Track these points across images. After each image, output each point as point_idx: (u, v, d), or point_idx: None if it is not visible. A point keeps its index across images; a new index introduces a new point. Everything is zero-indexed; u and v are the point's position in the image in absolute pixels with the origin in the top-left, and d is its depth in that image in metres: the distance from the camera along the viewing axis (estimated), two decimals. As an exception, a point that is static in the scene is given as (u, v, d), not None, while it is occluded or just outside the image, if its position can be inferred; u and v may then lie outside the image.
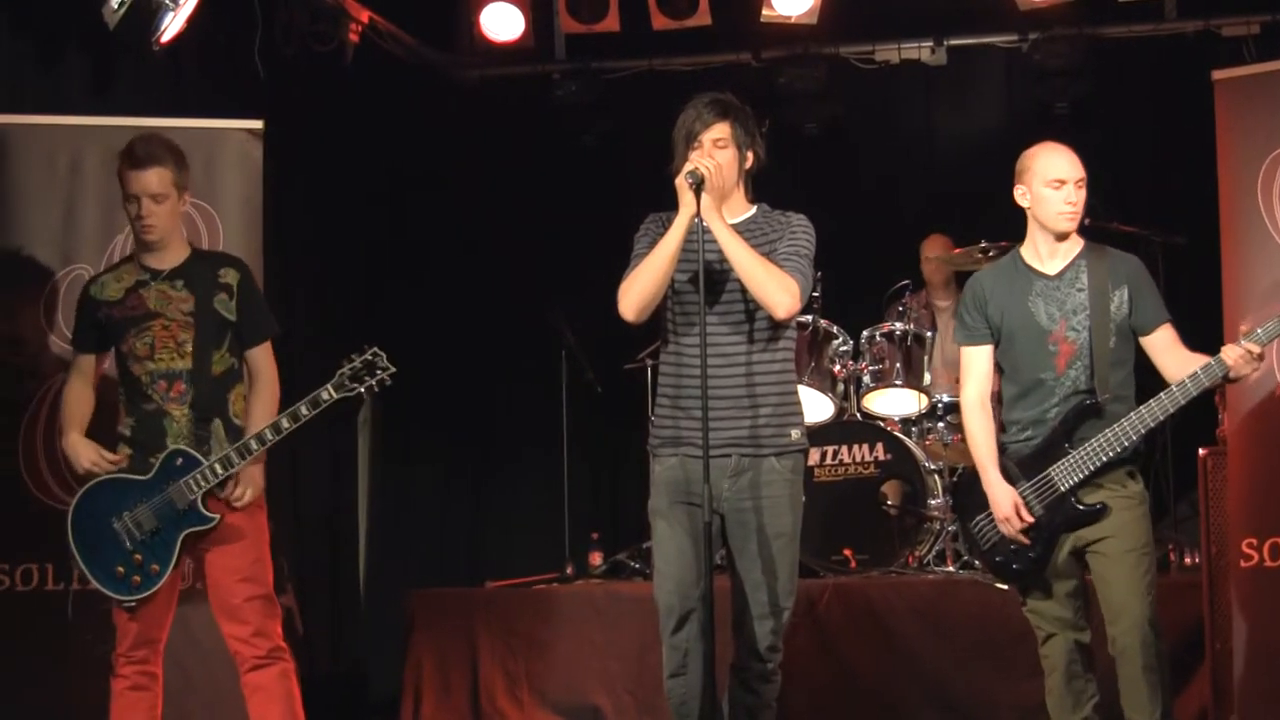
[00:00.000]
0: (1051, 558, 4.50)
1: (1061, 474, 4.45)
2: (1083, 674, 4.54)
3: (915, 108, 8.31)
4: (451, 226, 8.21)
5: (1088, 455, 4.42)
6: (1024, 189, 4.58)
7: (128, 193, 4.68)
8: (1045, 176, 4.51)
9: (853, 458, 6.70)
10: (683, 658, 4.35)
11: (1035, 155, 4.58)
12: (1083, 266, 4.54)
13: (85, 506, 4.70)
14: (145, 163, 4.65)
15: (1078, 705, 4.54)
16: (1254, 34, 7.17)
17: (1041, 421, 4.51)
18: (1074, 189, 4.50)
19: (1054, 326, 4.51)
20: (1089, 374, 4.46)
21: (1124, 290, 4.50)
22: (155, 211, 4.67)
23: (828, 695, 6.01)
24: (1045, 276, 4.56)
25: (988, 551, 4.63)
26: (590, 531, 7.54)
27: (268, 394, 4.78)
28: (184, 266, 4.76)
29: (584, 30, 7.73)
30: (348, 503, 7.71)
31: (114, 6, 5.40)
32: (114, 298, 4.73)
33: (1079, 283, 4.52)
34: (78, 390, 4.81)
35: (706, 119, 4.38)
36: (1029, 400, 4.55)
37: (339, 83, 7.17)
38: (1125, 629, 4.40)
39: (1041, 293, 4.55)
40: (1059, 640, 4.54)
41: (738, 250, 4.28)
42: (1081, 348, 4.48)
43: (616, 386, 7.54)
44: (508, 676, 6.39)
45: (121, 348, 4.71)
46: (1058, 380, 4.49)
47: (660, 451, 4.45)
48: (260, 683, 4.69)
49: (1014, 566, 4.55)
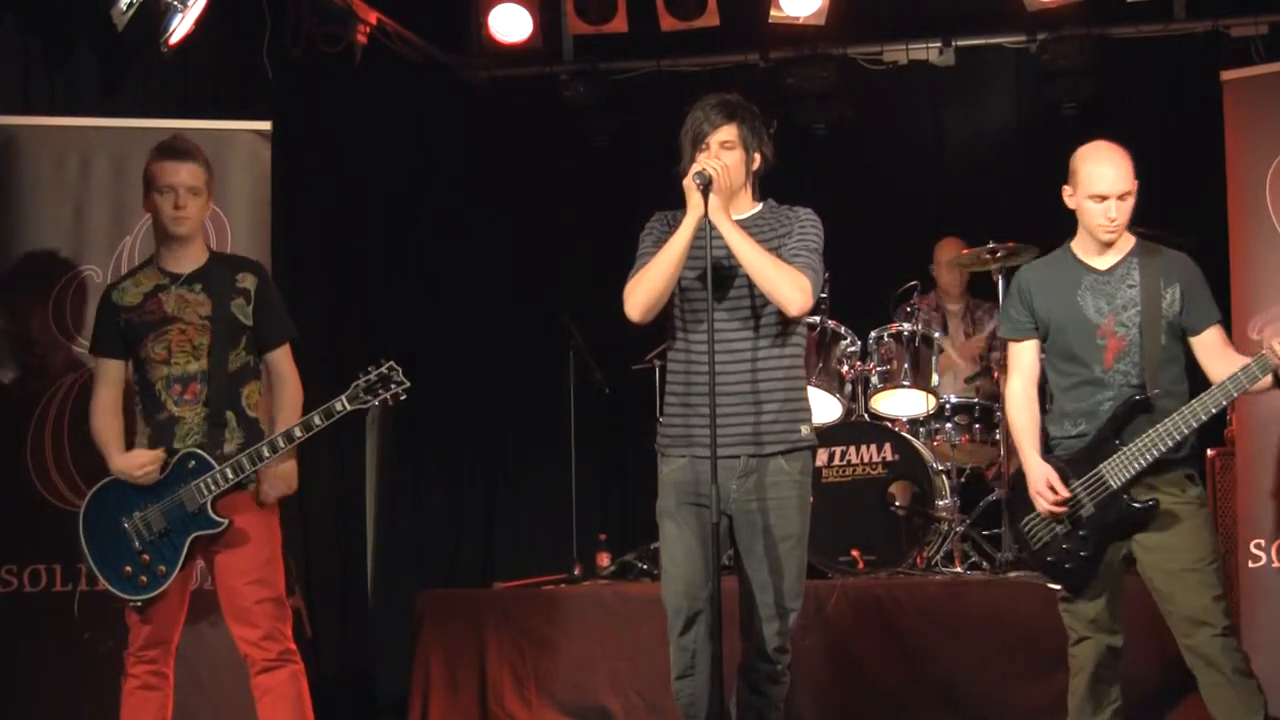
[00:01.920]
0: (1102, 559, 4.45)
1: (1112, 471, 4.39)
2: (1109, 678, 4.51)
3: (923, 108, 8.30)
4: (460, 227, 8.22)
5: (1138, 451, 4.36)
6: (1070, 191, 4.54)
7: (162, 184, 4.69)
8: (1088, 190, 4.47)
9: (861, 458, 6.70)
10: (690, 659, 4.35)
11: (1084, 160, 4.51)
12: (1134, 263, 4.50)
13: (97, 505, 4.73)
14: (184, 155, 4.72)
15: (1099, 709, 4.52)
16: (1262, 34, 7.15)
17: (1094, 414, 4.46)
18: (1115, 204, 4.45)
19: (1101, 320, 4.47)
20: (1138, 369, 4.42)
21: (1176, 289, 4.46)
22: (191, 204, 4.71)
23: (835, 696, 6.01)
24: (1096, 271, 4.53)
25: (1038, 551, 4.57)
26: (598, 532, 7.54)
27: (292, 396, 4.80)
28: (202, 270, 4.78)
29: (592, 31, 7.74)
30: (356, 503, 7.71)
31: (122, 8, 5.41)
32: (133, 303, 4.75)
33: (1130, 279, 4.49)
34: (107, 403, 4.77)
35: (714, 120, 4.38)
36: (1079, 393, 4.50)
37: (347, 84, 7.18)
38: (1207, 639, 4.35)
39: (1090, 287, 4.51)
40: (1091, 644, 4.50)
41: (747, 250, 4.28)
42: (1131, 343, 4.44)
43: (624, 387, 7.54)
44: (516, 677, 6.39)
45: (140, 353, 4.72)
46: (1106, 374, 4.45)
47: (669, 451, 4.45)
48: (270, 685, 4.70)
49: (1065, 566, 4.50)
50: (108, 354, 4.79)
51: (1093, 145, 4.56)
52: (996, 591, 6.10)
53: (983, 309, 7.41)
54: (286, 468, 4.74)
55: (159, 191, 4.71)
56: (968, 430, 6.91)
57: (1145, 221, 6.57)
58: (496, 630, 6.46)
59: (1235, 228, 5.67)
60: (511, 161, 8.14)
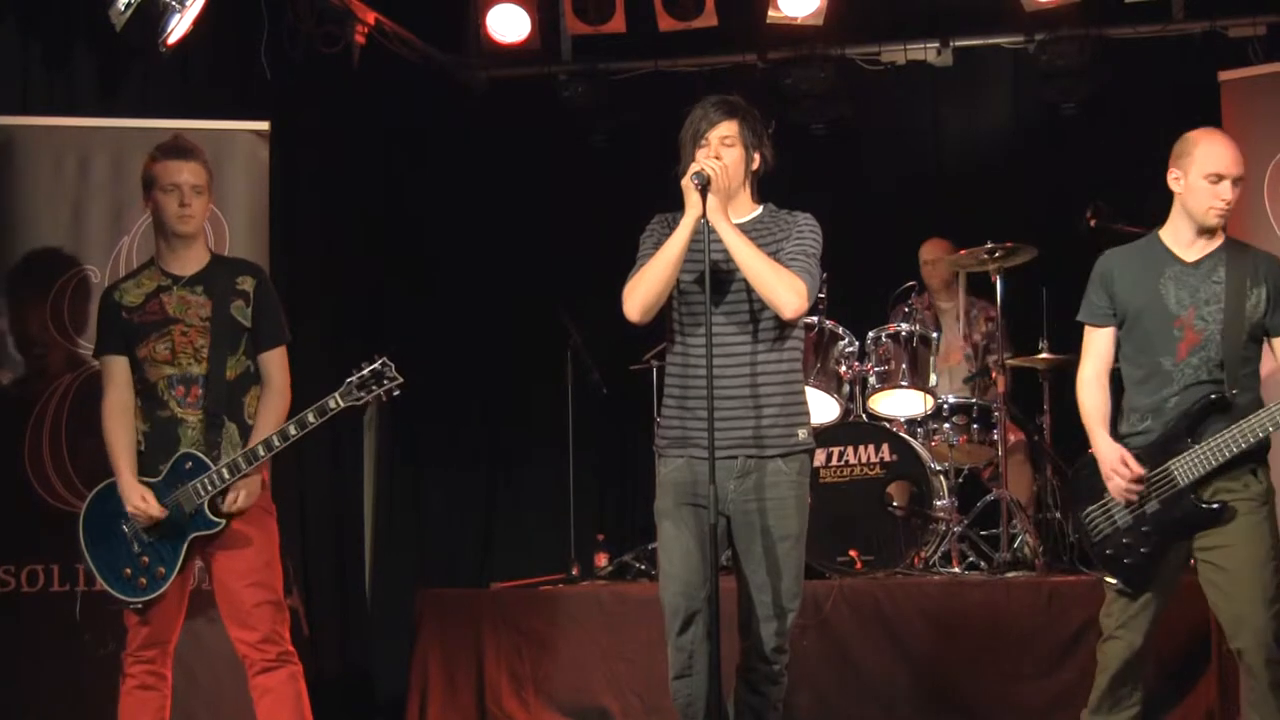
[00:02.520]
0: (1163, 558, 4.38)
1: (1182, 469, 4.32)
2: (1130, 681, 4.46)
3: (922, 109, 8.30)
4: (459, 227, 8.22)
5: (1212, 451, 4.29)
6: (1179, 174, 4.44)
7: (166, 183, 4.68)
8: (1204, 169, 4.38)
9: (859, 459, 6.70)
10: (688, 659, 4.34)
11: (1198, 142, 4.43)
12: (1222, 259, 4.42)
13: (96, 507, 4.73)
14: (188, 155, 4.72)
15: (1114, 710, 4.47)
16: (1260, 35, 7.14)
17: (1159, 411, 4.40)
18: (1230, 186, 4.38)
19: (1182, 312, 4.39)
20: (1211, 366, 4.35)
21: (1263, 289, 4.38)
22: (195, 202, 4.71)
23: (834, 696, 6.01)
24: (1182, 262, 4.45)
25: (1099, 543, 4.49)
26: (596, 533, 7.54)
27: (277, 400, 4.79)
28: (204, 272, 4.78)
29: (590, 31, 7.73)
30: (354, 503, 7.71)
31: (121, 8, 5.41)
32: (135, 303, 4.74)
33: (1216, 275, 4.40)
34: (118, 405, 4.71)
35: (714, 119, 4.37)
36: (1148, 387, 4.42)
37: (346, 84, 7.17)
38: (1249, 646, 4.29)
39: (1175, 277, 4.43)
40: (1120, 644, 4.44)
41: (744, 251, 4.27)
42: (1208, 339, 4.36)
43: (622, 387, 7.55)
44: (514, 677, 6.39)
45: (140, 353, 4.71)
46: (1177, 367, 4.38)
47: (667, 452, 4.44)
48: (269, 685, 4.70)
49: (1125, 560, 4.41)
50: (114, 350, 4.75)
51: (1206, 129, 4.49)
52: (994, 592, 6.10)
53: (977, 308, 7.42)
54: (252, 476, 4.67)
55: (163, 190, 4.69)
56: (966, 431, 6.91)
57: (1144, 222, 6.61)
58: (494, 630, 6.46)
59: (1233, 228, 5.63)
60: (509, 162, 8.14)
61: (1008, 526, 6.66)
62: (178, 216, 4.70)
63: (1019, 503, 6.79)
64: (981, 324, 7.36)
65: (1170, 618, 4.50)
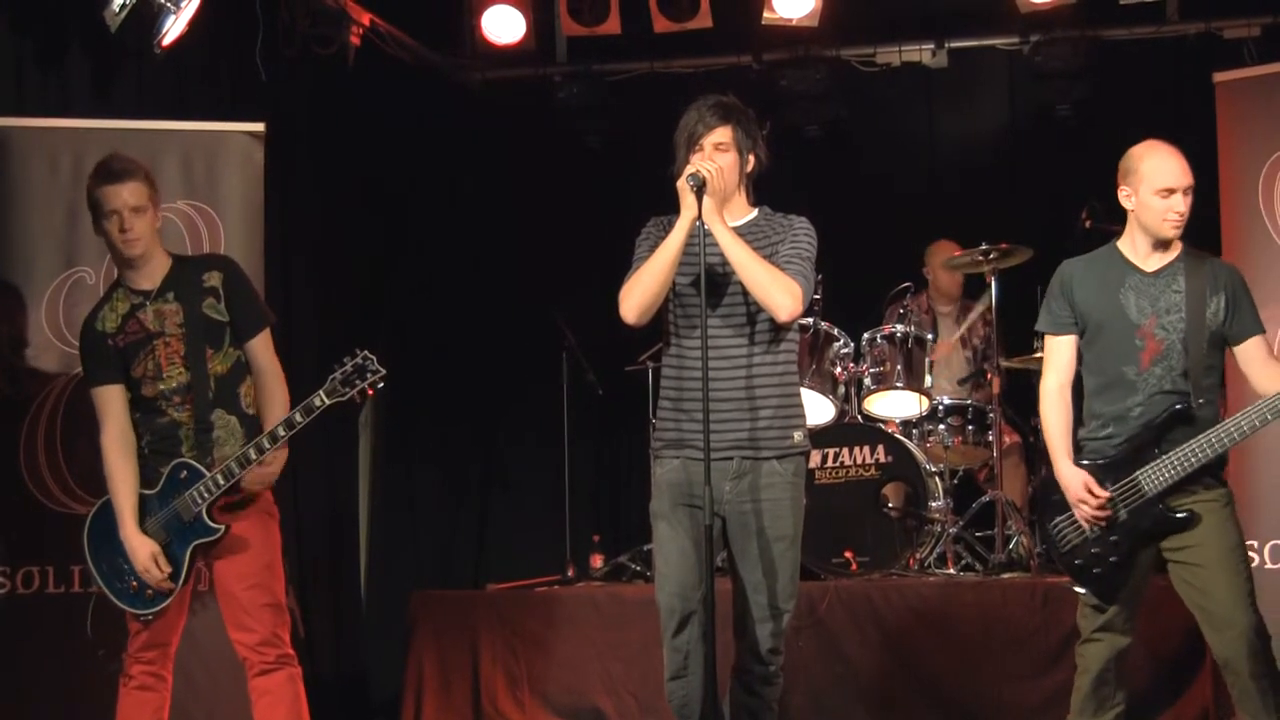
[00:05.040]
0: (1133, 565, 4.42)
1: (1150, 479, 4.36)
2: (1112, 681, 4.49)
3: (916, 110, 8.30)
4: (454, 229, 8.22)
5: (1179, 460, 4.33)
6: (1128, 191, 4.48)
7: (106, 209, 4.64)
8: (1154, 184, 4.41)
9: (854, 460, 6.70)
10: (684, 660, 4.35)
11: (1143, 157, 4.46)
12: (1181, 268, 4.45)
13: (100, 522, 4.71)
14: (122, 176, 4.65)
15: (1099, 711, 4.50)
16: (1255, 36, 7.15)
17: (1123, 419, 4.43)
18: (1182, 198, 4.41)
19: (1143, 321, 4.42)
20: (1174, 375, 4.38)
21: (1221, 297, 4.42)
22: (136, 224, 4.65)
23: (829, 697, 6.01)
24: (1141, 272, 4.48)
25: (1067, 554, 4.53)
26: (591, 533, 7.55)
27: (274, 387, 4.76)
28: (169, 279, 4.73)
29: (585, 33, 7.73)
30: (349, 505, 7.70)
31: (115, 9, 5.40)
32: (115, 328, 4.71)
33: (1176, 284, 4.44)
34: (117, 436, 4.66)
35: (708, 122, 4.38)
36: (1110, 395, 4.46)
37: (340, 85, 7.17)
38: (1230, 640, 4.32)
39: (1135, 287, 4.46)
40: (1101, 646, 4.48)
41: (739, 253, 4.28)
42: (1169, 348, 4.39)
43: (618, 388, 7.55)
44: (509, 678, 6.39)
45: (133, 374, 4.69)
46: (1141, 376, 4.41)
47: (662, 454, 4.44)
48: (268, 687, 4.70)
49: (1094, 570, 4.46)
50: (106, 381, 4.70)
51: (1149, 143, 4.51)
52: (989, 593, 6.11)
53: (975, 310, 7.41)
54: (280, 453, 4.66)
55: (104, 217, 4.66)
56: (961, 432, 6.92)
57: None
58: (490, 631, 6.46)
59: (1228, 229, 5.69)
60: (504, 163, 8.14)
61: (1002, 528, 6.67)
62: (122, 242, 4.66)
63: (1014, 504, 6.80)
64: (979, 326, 7.37)
65: (1165, 617, 4.52)
